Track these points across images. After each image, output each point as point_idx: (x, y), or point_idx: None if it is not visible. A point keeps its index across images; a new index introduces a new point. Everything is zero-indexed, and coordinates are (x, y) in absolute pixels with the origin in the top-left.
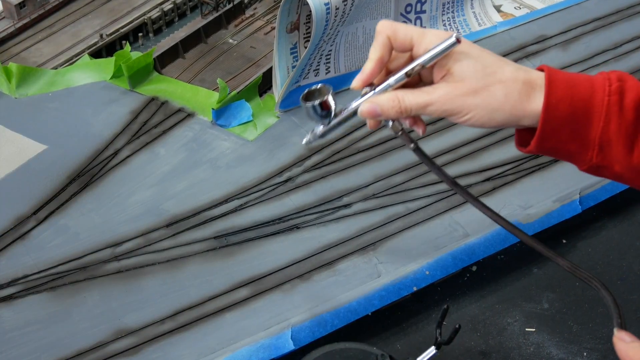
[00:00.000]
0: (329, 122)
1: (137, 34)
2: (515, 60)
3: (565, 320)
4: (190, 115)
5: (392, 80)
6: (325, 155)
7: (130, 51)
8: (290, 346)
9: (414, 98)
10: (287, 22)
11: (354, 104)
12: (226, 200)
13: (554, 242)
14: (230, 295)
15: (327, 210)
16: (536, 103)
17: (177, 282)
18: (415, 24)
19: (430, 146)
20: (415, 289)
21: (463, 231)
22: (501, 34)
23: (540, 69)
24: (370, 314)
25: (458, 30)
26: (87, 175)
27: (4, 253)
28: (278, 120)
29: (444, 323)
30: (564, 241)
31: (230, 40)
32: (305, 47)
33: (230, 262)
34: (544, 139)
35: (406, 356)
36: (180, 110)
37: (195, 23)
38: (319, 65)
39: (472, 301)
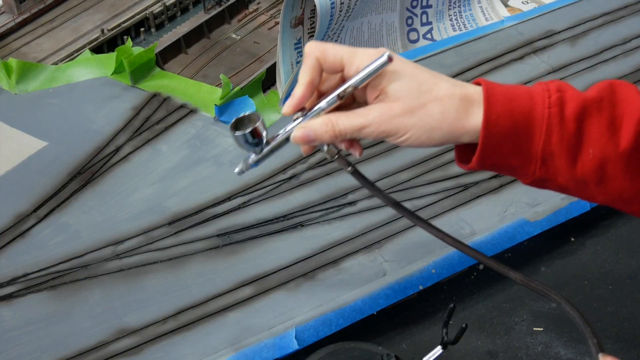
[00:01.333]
0: (261, 151)
1: (139, 28)
2: (523, 56)
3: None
4: (192, 111)
5: (324, 103)
6: None
7: (132, 46)
8: (294, 346)
9: (348, 121)
10: (291, 16)
11: (285, 130)
12: (229, 198)
13: (562, 240)
14: (233, 294)
15: (332, 208)
16: (475, 119)
17: (180, 281)
18: (421, 19)
19: None
20: (421, 287)
21: (470, 229)
22: (508, 28)
23: (477, 83)
24: (375, 313)
25: (465, 25)
26: (88, 172)
27: (4, 251)
28: (282, 116)
29: (451, 322)
30: (572, 239)
31: (234, 36)
32: None
33: (233, 261)
34: (486, 156)
35: (412, 356)
36: (182, 106)
37: (198, 18)
38: None
39: (479, 300)
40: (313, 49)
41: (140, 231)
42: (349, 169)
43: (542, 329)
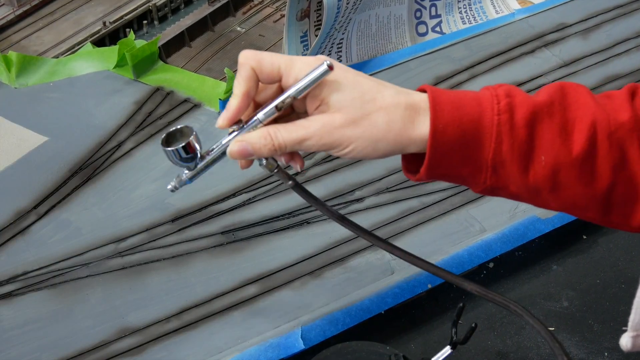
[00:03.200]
0: (195, 166)
1: (141, 21)
2: (534, 50)
3: (586, 319)
4: (196, 106)
5: (261, 115)
6: None
7: (135, 39)
8: (300, 345)
9: (287, 134)
10: (297, 9)
11: (221, 144)
12: (234, 194)
13: (574, 238)
14: (238, 292)
15: (339, 204)
16: (422, 128)
17: (183, 279)
18: (430, 12)
19: None
20: (430, 286)
21: (480, 226)
22: (519, 21)
23: (422, 90)
24: (383, 312)
25: (475, 18)
26: (90, 168)
27: (4, 249)
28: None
29: (460, 322)
30: (584, 237)
31: (238, 28)
32: (316, 36)
33: (238, 259)
34: (434, 166)
35: (421, 356)
36: (186, 100)
37: (201, 10)
38: (330, 54)
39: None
40: (248, 58)
41: (142, 228)
42: (290, 183)
43: (553, 328)
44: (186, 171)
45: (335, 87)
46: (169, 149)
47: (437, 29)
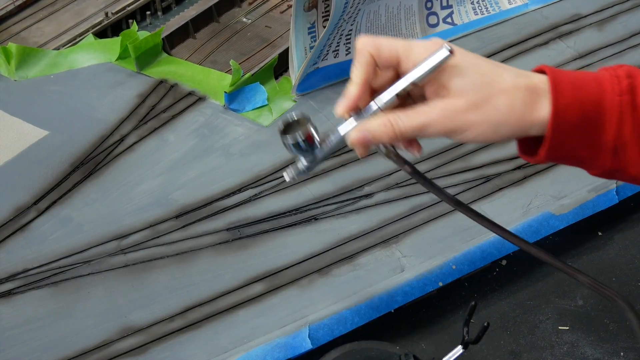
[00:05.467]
0: (313, 155)
1: (144, 12)
2: (548, 41)
3: (601, 318)
4: (201, 99)
5: (381, 102)
6: None
7: (138, 30)
8: (307, 345)
9: (408, 120)
10: None
11: (340, 133)
12: (240, 190)
13: (589, 235)
14: (243, 290)
15: (347, 200)
16: (543, 110)
17: (187, 277)
18: (441, 2)
19: None
20: (441, 284)
21: None
22: (533, 12)
23: (540, 70)
24: (393, 311)
25: (487, 8)
26: (92, 162)
27: (3, 246)
28: (295, 104)
29: (472, 321)
30: (600, 234)
31: (244, 19)
32: (324, 27)
33: (243, 256)
34: (554, 149)
35: (431, 356)
36: (190, 93)
37: (206, 1)
38: (338, 45)
39: (502, 297)
40: (366, 44)
41: (145, 225)
42: (408, 169)
43: (567, 327)
44: (304, 161)
45: (455, 71)
46: (288, 138)
47: (449, 20)
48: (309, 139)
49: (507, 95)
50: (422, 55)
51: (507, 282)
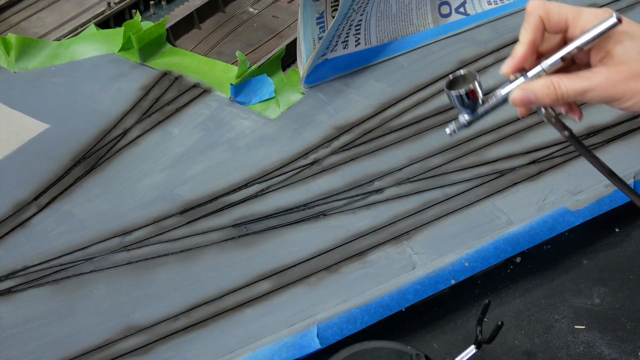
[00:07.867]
0: (476, 111)
1: (148, 1)
2: None
3: (619, 317)
4: (206, 91)
5: (546, 65)
6: (355, 135)
7: (141, 21)
8: (316, 345)
9: (571, 84)
10: None
11: (503, 91)
12: (246, 185)
13: (606, 231)
14: (250, 289)
15: (357, 195)
16: None
17: (192, 275)
18: None
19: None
20: (453, 282)
21: (506, 219)
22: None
23: None
24: (404, 309)
25: None
26: (94, 157)
27: (2, 242)
28: (303, 96)
29: (485, 319)
30: (617, 230)
31: (251, 9)
32: (333, 17)
33: (250, 253)
34: None
35: (444, 356)
36: (195, 85)
37: None
38: (347, 36)
39: (516, 296)
40: (537, 7)
41: (149, 221)
42: (566, 133)
43: (584, 327)
44: (466, 116)
45: (620, 39)
46: (453, 93)
47: (461, 9)
48: (473, 96)
49: None
50: (591, 23)
51: (521, 279)
